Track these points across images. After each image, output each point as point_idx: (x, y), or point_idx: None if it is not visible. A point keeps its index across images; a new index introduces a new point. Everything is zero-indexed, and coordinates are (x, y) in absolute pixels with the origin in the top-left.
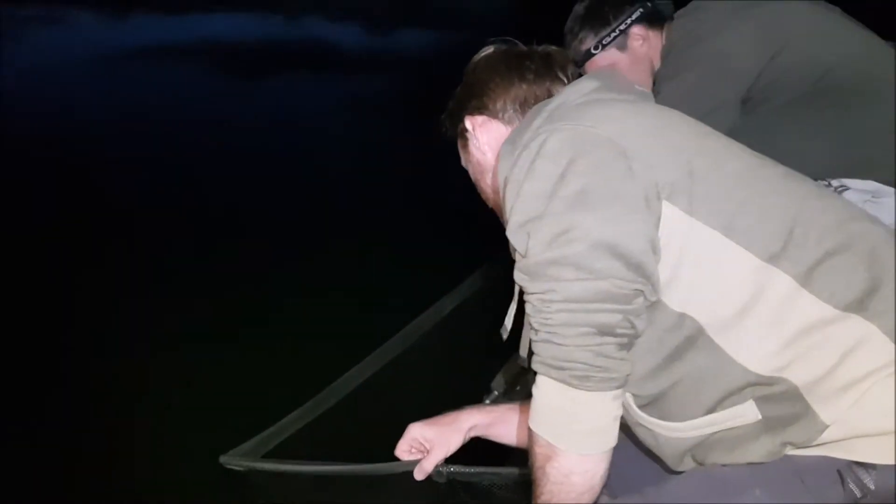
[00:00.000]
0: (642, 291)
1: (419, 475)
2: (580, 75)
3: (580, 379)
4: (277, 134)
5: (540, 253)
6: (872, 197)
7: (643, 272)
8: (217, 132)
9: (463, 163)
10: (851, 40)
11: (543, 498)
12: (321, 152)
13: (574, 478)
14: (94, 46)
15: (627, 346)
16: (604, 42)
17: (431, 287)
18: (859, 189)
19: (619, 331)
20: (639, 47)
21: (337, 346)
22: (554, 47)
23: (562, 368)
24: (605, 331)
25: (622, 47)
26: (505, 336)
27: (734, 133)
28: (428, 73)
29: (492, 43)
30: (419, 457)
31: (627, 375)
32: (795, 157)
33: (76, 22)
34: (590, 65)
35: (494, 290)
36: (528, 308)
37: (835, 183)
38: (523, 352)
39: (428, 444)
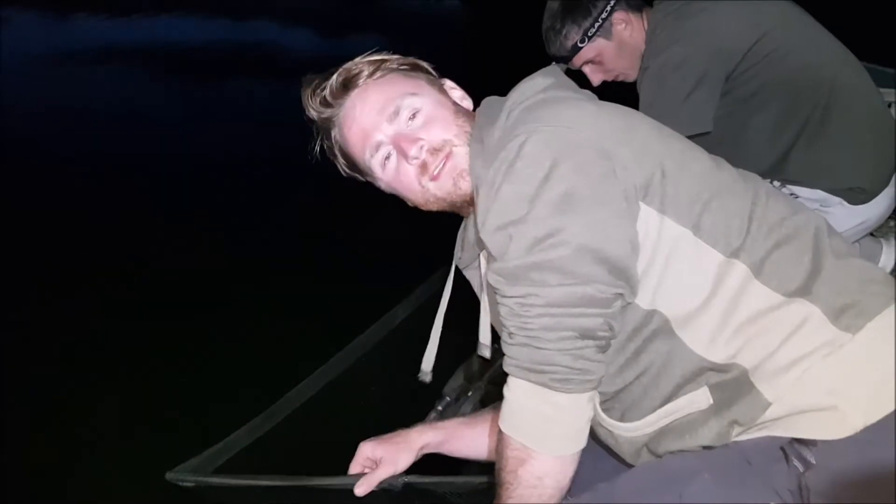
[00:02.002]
0: (622, 294)
1: (359, 491)
2: (566, 73)
3: (560, 382)
4: (225, 138)
5: (521, 256)
6: (820, 206)
7: (624, 276)
8: (163, 136)
9: (410, 101)
10: (827, 47)
11: (513, 501)
12: (271, 157)
13: (547, 480)
14: (37, 48)
15: (605, 349)
16: (589, 33)
17: (383, 295)
18: (807, 198)
19: (600, 334)
20: (623, 31)
21: (283, 368)
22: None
23: (541, 372)
24: (586, 334)
25: (608, 35)
26: (488, 354)
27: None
28: None
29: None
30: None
31: (602, 377)
32: (755, 149)
33: (18, 23)
34: (577, 59)
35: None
36: (502, 311)
37: (785, 191)
38: (484, 339)
39: (378, 462)
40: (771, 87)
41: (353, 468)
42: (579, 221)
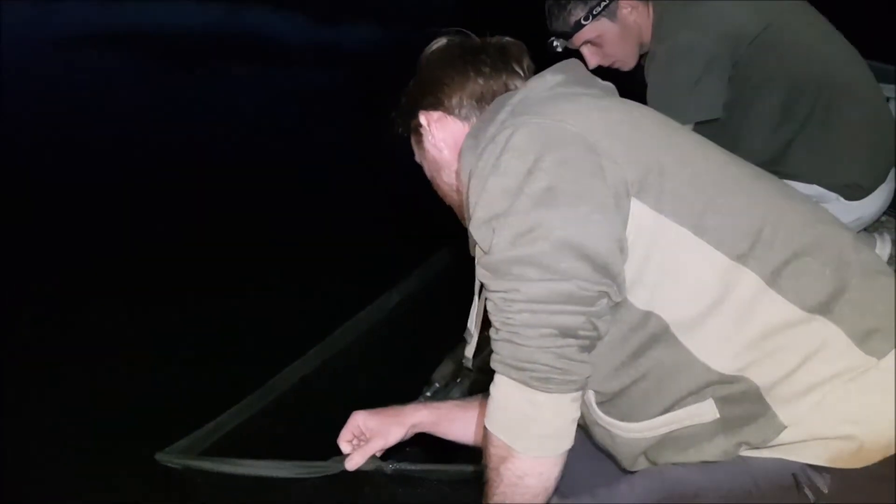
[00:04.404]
0: (607, 293)
1: (350, 466)
2: (564, 52)
3: (540, 381)
4: (216, 126)
5: (504, 251)
6: (816, 202)
7: (609, 273)
8: (154, 123)
9: (417, 159)
10: (831, 42)
11: (496, 499)
12: (261, 145)
13: (528, 480)
14: (27, 32)
15: (589, 349)
16: (594, 12)
17: (378, 279)
18: (804, 193)
19: (582, 333)
20: (628, 16)
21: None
22: (508, 39)
23: (522, 369)
24: (567, 333)
25: (612, 17)
26: (470, 339)
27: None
28: (375, 69)
29: (444, 34)
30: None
31: (587, 378)
32: (754, 140)
33: (6, 5)
34: (578, 37)
35: (439, 284)
36: (489, 306)
37: None
38: (469, 352)
39: (368, 433)
40: (774, 78)
41: (343, 435)
42: (560, 215)
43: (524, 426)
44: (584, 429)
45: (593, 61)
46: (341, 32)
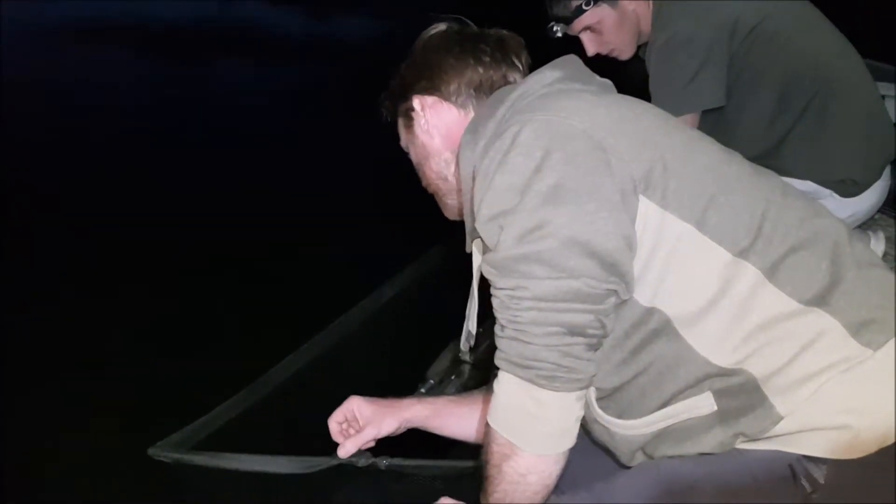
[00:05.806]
0: (615, 291)
1: (342, 453)
2: (563, 36)
3: (547, 379)
4: (211, 120)
5: (511, 248)
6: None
7: (617, 271)
8: (147, 117)
9: (403, 143)
10: (829, 37)
11: (497, 496)
12: (257, 139)
13: (530, 477)
14: (21, 23)
15: (596, 347)
16: None
17: (373, 274)
18: (799, 189)
19: (590, 331)
20: (628, 4)
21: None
22: (507, 32)
23: (528, 367)
24: (575, 331)
25: (613, 3)
26: (471, 343)
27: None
28: (371, 62)
29: (443, 21)
30: (350, 434)
31: (593, 376)
32: (749, 133)
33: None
34: (578, 22)
35: (434, 279)
36: (494, 303)
37: None
38: (465, 346)
39: (362, 420)
40: (770, 71)
41: (335, 416)
42: (567, 213)
43: (529, 424)
44: (582, 425)
45: (591, 48)
46: (336, 25)
